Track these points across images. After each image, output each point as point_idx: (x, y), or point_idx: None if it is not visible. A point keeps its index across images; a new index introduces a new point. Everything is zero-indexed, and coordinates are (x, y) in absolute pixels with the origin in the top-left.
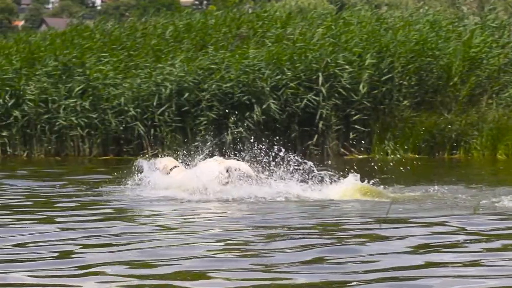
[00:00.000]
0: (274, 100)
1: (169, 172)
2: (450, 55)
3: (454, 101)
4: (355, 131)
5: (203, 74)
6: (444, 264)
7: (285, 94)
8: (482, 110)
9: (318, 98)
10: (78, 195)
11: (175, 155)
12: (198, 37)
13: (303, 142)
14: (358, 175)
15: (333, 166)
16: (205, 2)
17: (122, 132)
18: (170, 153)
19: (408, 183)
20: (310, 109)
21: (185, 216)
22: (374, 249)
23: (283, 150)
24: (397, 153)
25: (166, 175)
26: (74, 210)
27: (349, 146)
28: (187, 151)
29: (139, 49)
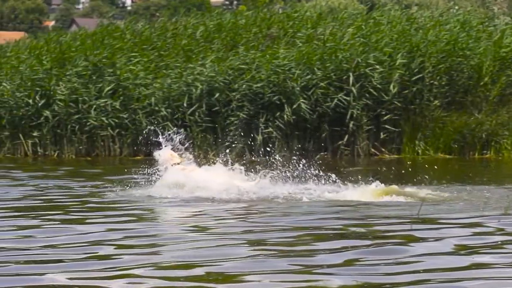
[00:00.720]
0: (305, 100)
1: (175, 163)
2: (480, 55)
3: (484, 101)
4: (386, 131)
5: (234, 74)
6: (485, 265)
7: (315, 94)
8: None
9: (348, 98)
10: (110, 196)
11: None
12: (229, 37)
13: (334, 142)
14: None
15: (363, 166)
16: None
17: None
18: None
19: (438, 183)
20: (340, 109)
21: (216, 216)
22: (411, 250)
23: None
24: (427, 153)
25: (179, 171)
26: (107, 210)
27: (379, 146)
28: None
29: (170, 49)
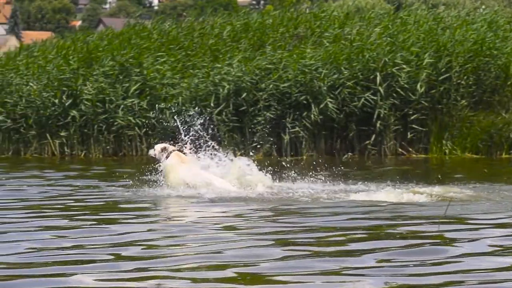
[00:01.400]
0: (331, 99)
1: (168, 155)
2: (508, 55)
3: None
4: (413, 131)
5: (261, 74)
6: None
7: (342, 93)
8: None
9: (375, 98)
10: (138, 195)
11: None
12: (256, 37)
13: (361, 142)
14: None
15: (391, 165)
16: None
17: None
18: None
19: (465, 183)
20: (367, 108)
21: (245, 215)
22: (443, 250)
23: None
24: (454, 153)
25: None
26: (135, 210)
27: (406, 146)
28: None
29: (197, 49)
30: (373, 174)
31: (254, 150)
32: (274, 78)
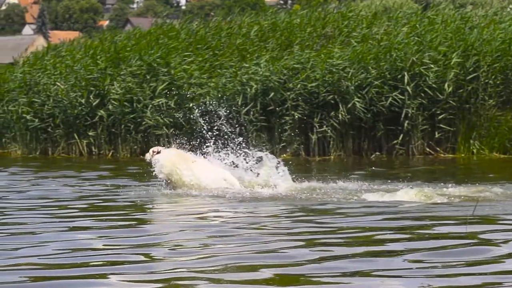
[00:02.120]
0: (359, 99)
1: (153, 155)
2: None
3: None
4: (441, 131)
5: (288, 74)
6: None
7: (370, 93)
8: None
9: (403, 97)
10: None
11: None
12: (283, 36)
13: (389, 141)
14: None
15: (418, 165)
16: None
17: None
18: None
19: (493, 183)
20: (395, 108)
21: (272, 215)
22: (476, 251)
23: None
24: (482, 152)
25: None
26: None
27: (434, 146)
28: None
29: (224, 48)
30: (401, 174)
31: (282, 150)
32: (302, 78)
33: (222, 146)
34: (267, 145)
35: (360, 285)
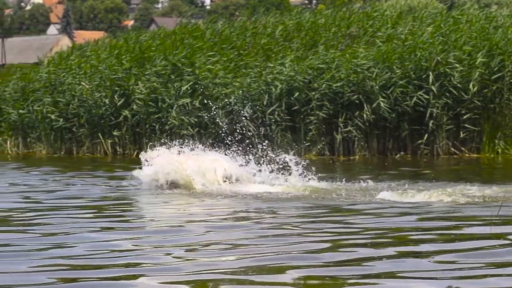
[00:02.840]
0: (384, 99)
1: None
2: None
3: None
4: (465, 130)
5: (313, 74)
6: None
7: (394, 92)
8: None
9: (428, 97)
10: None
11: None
12: (308, 36)
13: (413, 141)
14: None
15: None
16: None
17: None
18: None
19: None
20: (420, 108)
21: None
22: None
23: None
24: (507, 152)
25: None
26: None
27: (459, 145)
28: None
29: (249, 48)
30: (427, 174)
31: (306, 150)
32: (327, 77)
33: (246, 147)
34: (292, 144)
35: (386, 286)
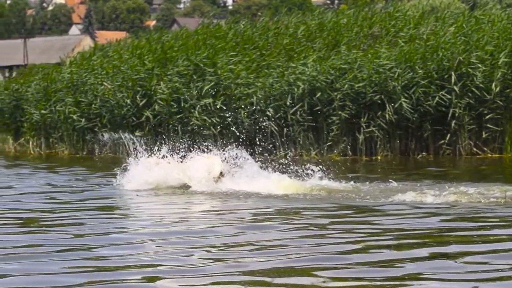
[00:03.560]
0: (406, 99)
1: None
2: None
3: None
4: (488, 130)
5: (335, 74)
6: None
7: (416, 92)
8: None
9: (450, 97)
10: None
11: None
12: (330, 36)
13: (436, 141)
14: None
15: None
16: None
17: (255, 131)
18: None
19: None
20: (442, 108)
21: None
22: None
23: None
24: None
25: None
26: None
27: (481, 145)
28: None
29: (271, 48)
30: (450, 175)
31: (329, 150)
32: (349, 78)
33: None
34: (315, 145)
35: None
